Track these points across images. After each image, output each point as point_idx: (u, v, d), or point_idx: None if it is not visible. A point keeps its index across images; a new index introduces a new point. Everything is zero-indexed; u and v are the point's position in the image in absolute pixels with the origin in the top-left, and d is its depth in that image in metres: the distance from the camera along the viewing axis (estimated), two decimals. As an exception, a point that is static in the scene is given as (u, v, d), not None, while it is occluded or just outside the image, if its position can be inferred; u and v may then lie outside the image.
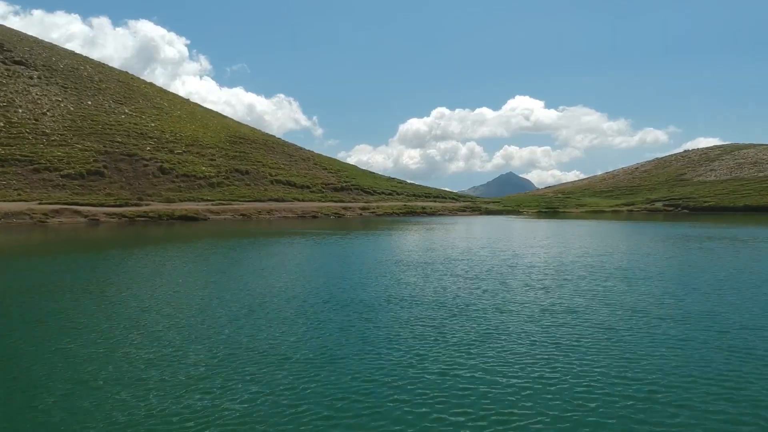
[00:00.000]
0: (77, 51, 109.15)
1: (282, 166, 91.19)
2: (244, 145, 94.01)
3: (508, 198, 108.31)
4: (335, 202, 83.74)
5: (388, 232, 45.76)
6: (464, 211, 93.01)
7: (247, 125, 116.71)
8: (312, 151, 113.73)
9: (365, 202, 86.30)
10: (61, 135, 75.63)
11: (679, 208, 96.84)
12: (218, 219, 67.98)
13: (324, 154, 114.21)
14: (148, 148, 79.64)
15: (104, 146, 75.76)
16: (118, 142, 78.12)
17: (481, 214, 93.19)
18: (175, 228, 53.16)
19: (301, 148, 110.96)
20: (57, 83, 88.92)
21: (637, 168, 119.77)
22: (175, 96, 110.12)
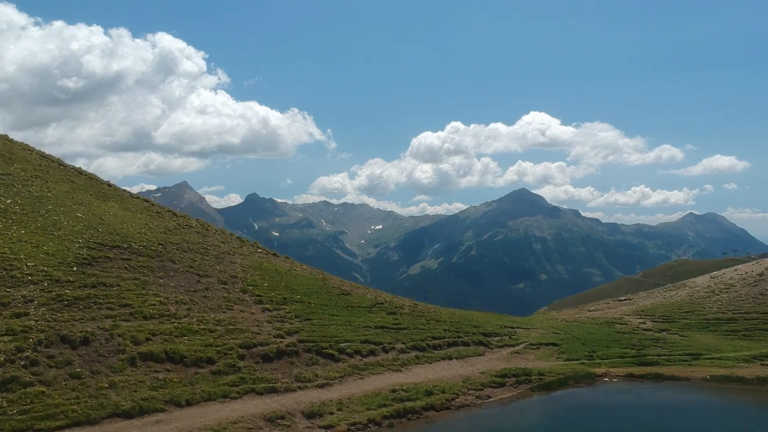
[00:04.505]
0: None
1: (173, 307, 50.17)
2: (115, 262, 53.10)
3: (568, 329, 66.89)
4: (259, 394, 42.75)
5: None
6: (502, 385, 52.07)
7: (157, 204, 74.92)
8: (256, 248, 72.92)
9: (320, 388, 45.38)
10: None
11: None
12: None
13: (270, 263, 73.37)
14: None
15: None
16: None
17: (531, 389, 52.33)
18: None
19: (240, 245, 70.08)
20: None
21: (762, 273, 76.12)
22: (32, 163, 68.51)
